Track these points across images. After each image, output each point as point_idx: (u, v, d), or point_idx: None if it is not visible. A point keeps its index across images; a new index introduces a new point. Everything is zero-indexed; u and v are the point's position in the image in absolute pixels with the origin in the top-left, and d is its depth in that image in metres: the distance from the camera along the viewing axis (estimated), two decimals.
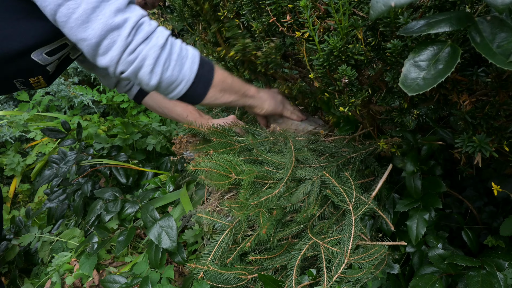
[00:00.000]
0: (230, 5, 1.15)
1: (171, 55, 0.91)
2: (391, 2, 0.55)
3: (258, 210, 0.96)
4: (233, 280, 0.98)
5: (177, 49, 0.93)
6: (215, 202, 1.11)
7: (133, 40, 0.87)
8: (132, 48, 0.87)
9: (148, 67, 0.89)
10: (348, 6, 0.78)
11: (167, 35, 0.91)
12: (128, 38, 0.86)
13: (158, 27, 0.91)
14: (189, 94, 0.98)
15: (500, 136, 0.78)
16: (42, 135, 2.31)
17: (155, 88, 0.93)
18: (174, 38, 0.95)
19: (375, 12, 0.57)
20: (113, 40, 0.85)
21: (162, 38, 0.90)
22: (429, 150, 1.04)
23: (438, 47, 0.65)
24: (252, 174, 1.00)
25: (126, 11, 0.86)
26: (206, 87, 1.01)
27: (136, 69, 0.89)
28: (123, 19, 0.85)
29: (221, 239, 0.97)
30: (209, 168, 0.99)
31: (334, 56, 0.83)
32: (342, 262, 0.91)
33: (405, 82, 0.64)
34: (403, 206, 1.04)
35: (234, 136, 1.18)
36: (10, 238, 1.69)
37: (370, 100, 1.06)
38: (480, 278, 0.88)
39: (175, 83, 0.94)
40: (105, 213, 1.53)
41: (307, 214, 0.99)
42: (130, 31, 0.85)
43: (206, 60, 1.01)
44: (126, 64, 0.88)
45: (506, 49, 0.56)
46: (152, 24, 0.90)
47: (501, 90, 0.74)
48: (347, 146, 1.17)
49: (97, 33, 0.83)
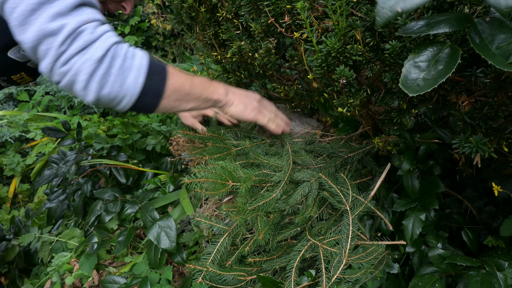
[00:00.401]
0: (229, 6, 1.15)
1: (110, 68, 0.81)
2: (397, 7, 0.54)
3: (256, 214, 0.96)
4: (232, 281, 0.98)
5: (119, 62, 0.82)
6: (212, 206, 1.11)
7: (67, 50, 0.77)
8: (64, 59, 0.78)
9: (81, 83, 0.79)
10: (346, 7, 0.77)
11: (109, 44, 0.81)
12: (61, 47, 0.77)
13: (103, 34, 0.81)
14: (137, 107, 0.88)
15: (499, 137, 0.78)
16: (42, 135, 2.31)
17: (94, 103, 0.84)
18: (121, 45, 0.84)
19: (382, 19, 0.55)
20: (48, 47, 0.77)
21: (102, 49, 0.79)
22: (427, 150, 1.03)
23: (437, 47, 0.65)
24: (249, 181, 0.99)
25: (68, 15, 0.77)
26: (157, 99, 0.89)
27: (69, 83, 0.80)
28: (60, 25, 0.76)
29: (220, 243, 0.97)
30: (205, 178, 0.98)
31: (332, 57, 0.83)
32: (341, 263, 0.91)
33: (405, 83, 0.64)
34: (400, 206, 1.04)
35: (230, 140, 1.16)
36: (10, 238, 1.69)
37: (369, 101, 1.05)
38: (480, 278, 0.88)
39: (116, 99, 0.84)
40: (105, 214, 1.53)
41: (305, 216, 0.99)
42: (65, 40, 0.77)
43: (158, 67, 0.89)
44: (59, 75, 0.80)
45: (505, 50, 0.56)
46: (96, 32, 0.80)
47: (500, 91, 0.73)
48: (344, 147, 1.16)
49: (32, 37, 0.76)
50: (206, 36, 1.31)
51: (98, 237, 1.48)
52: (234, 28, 1.18)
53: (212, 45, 1.32)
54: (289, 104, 1.32)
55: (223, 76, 1.40)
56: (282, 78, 1.33)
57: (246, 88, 1.47)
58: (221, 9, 1.16)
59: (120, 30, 3.23)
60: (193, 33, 1.36)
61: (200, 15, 1.23)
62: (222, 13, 1.16)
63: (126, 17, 3.24)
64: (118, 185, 1.85)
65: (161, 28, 3.28)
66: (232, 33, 1.17)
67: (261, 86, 1.49)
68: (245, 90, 1.13)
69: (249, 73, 1.31)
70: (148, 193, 1.59)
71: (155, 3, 3.30)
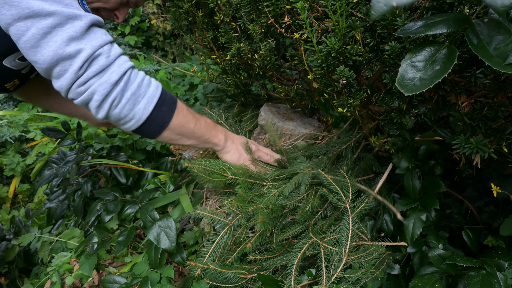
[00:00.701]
0: (226, 9, 1.15)
1: (124, 91, 0.87)
2: (392, 2, 0.54)
3: (257, 206, 0.97)
4: (232, 279, 0.98)
5: (134, 87, 0.88)
6: (214, 204, 1.11)
7: (85, 73, 0.82)
8: (82, 81, 0.83)
9: (96, 102, 0.85)
10: (346, 7, 0.77)
11: (125, 69, 0.87)
12: (79, 71, 0.82)
13: (118, 58, 0.87)
14: (142, 131, 0.94)
15: (498, 138, 0.78)
16: (42, 135, 2.31)
17: (104, 119, 0.90)
18: (136, 71, 0.91)
19: (377, 12, 0.56)
20: (65, 69, 0.81)
21: (117, 74, 0.85)
22: (427, 150, 1.04)
23: (435, 48, 0.65)
24: (247, 174, 1.00)
25: (82, 39, 0.81)
26: (160, 128, 0.95)
27: (85, 101, 0.86)
28: (76, 50, 0.80)
29: (220, 236, 0.98)
30: (204, 166, 1.00)
31: (332, 57, 0.83)
32: (341, 262, 0.91)
33: (402, 82, 0.64)
34: (401, 206, 1.04)
35: None
36: (10, 238, 1.69)
37: (369, 101, 1.05)
38: (480, 278, 0.88)
39: (124, 120, 0.90)
40: (105, 214, 1.53)
41: (305, 211, 0.99)
42: (83, 64, 0.81)
43: (170, 100, 0.96)
44: (76, 94, 0.85)
45: (502, 51, 0.56)
46: (111, 56, 0.85)
47: (499, 92, 0.74)
48: (337, 142, 1.17)
49: (47, 60, 0.80)
50: (205, 40, 1.31)
51: (98, 237, 1.48)
52: (232, 30, 1.18)
53: (211, 48, 1.32)
54: (290, 104, 1.32)
55: (223, 77, 1.40)
56: (282, 78, 1.33)
57: (246, 88, 1.47)
58: (219, 13, 1.17)
59: (120, 30, 3.24)
60: (191, 37, 1.36)
61: (197, 20, 1.23)
62: (220, 16, 1.16)
63: (126, 17, 3.24)
64: (118, 185, 1.85)
65: (161, 28, 3.28)
66: (231, 36, 1.17)
67: (261, 87, 1.49)
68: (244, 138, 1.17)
69: (248, 74, 1.31)
70: (148, 193, 1.59)
71: (155, 3, 3.30)
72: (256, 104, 1.53)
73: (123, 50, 2.90)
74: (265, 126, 1.18)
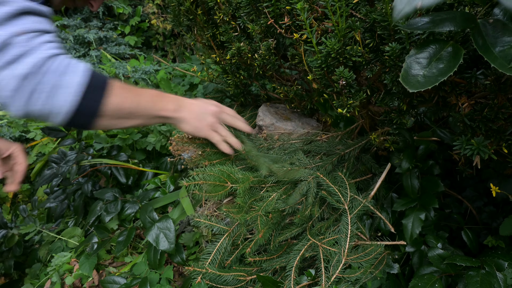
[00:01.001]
0: (226, 8, 1.15)
1: (38, 85, 0.75)
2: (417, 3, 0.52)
3: (256, 214, 0.96)
4: (232, 281, 0.98)
5: (52, 78, 0.76)
6: (212, 206, 1.11)
7: None
8: None
9: (6, 99, 0.75)
10: (346, 8, 0.77)
11: (39, 59, 0.75)
12: None
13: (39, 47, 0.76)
14: (72, 124, 0.84)
15: (499, 139, 0.78)
16: (42, 135, 2.31)
17: (24, 118, 0.80)
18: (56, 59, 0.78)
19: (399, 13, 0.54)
20: None
21: (30, 65, 0.74)
22: (426, 149, 1.04)
23: (440, 45, 0.64)
24: (247, 182, 0.99)
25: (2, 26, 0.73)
26: (91, 117, 0.85)
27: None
28: None
29: (220, 243, 0.98)
30: (204, 181, 0.97)
31: (332, 58, 0.83)
32: (340, 262, 0.91)
33: (406, 78, 0.62)
34: (400, 205, 1.04)
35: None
36: (11, 226, 1.68)
37: (369, 101, 1.05)
38: (479, 278, 0.88)
39: (50, 116, 0.80)
40: (105, 214, 1.54)
41: (303, 215, 0.99)
42: None
43: (100, 84, 0.85)
44: None
45: (507, 53, 0.55)
46: (29, 45, 0.74)
47: (500, 93, 0.73)
48: (340, 143, 1.16)
49: None
50: (204, 38, 1.31)
51: (98, 237, 1.48)
52: (232, 30, 1.18)
53: (210, 47, 1.32)
54: (289, 104, 1.32)
55: (223, 77, 1.40)
56: (281, 79, 1.33)
57: (246, 88, 1.47)
58: (218, 12, 1.16)
59: (120, 30, 3.23)
60: (191, 35, 1.36)
61: (197, 18, 1.23)
62: (219, 15, 1.16)
63: (126, 17, 3.24)
64: (118, 185, 1.85)
65: (161, 28, 3.28)
66: (231, 35, 1.17)
67: (260, 87, 1.50)
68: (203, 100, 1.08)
69: (248, 74, 1.31)
70: (148, 193, 1.59)
71: (155, 3, 3.30)
72: (255, 104, 1.53)
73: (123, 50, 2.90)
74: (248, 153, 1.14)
